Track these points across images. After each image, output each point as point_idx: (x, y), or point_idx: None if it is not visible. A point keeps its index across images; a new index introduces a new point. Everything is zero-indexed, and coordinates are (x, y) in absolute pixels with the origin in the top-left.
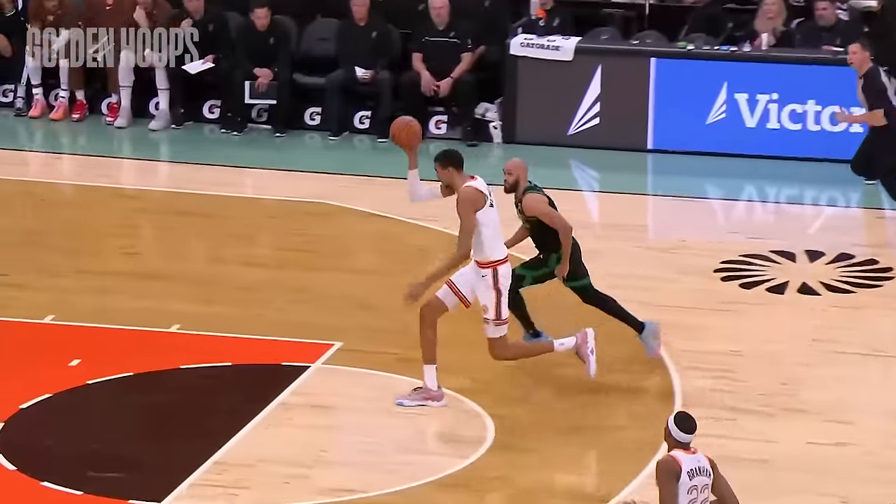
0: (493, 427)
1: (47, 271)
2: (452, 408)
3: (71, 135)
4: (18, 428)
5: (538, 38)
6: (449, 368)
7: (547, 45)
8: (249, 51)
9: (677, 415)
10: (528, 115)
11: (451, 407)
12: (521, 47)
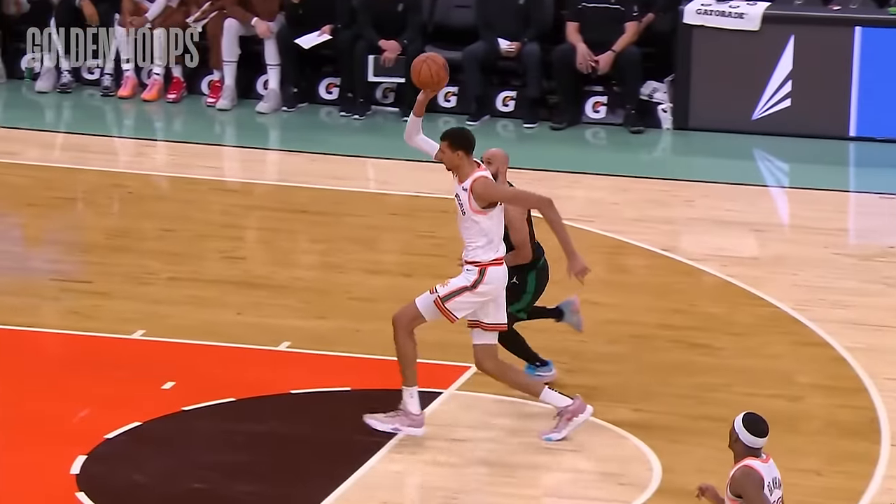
0: (660, 467)
1: (137, 278)
2: (611, 444)
3: (166, 118)
4: (103, 461)
5: (718, 2)
6: (608, 397)
7: (729, 11)
8: (374, 20)
9: (747, 416)
10: (703, 97)
11: (609, 443)
12: (696, 15)
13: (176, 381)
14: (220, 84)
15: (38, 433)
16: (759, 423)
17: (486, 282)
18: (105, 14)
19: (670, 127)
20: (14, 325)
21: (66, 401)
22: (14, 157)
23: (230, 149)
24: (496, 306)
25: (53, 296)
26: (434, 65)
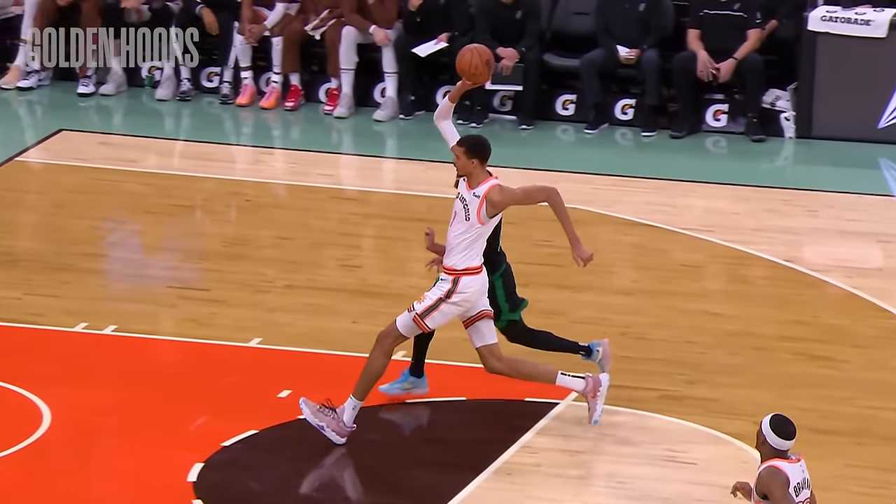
0: None
1: (253, 286)
2: (730, 457)
3: (283, 126)
4: (220, 469)
5: (843, 9)
6: (728, 410)
7: (854, 18)
8: (492, 27)
9: (773, 418)
10: (828, 104)
11: (728, 455)
12: (821, 22)
13: (292, 389)
14: (337, 92)
15: (155, 440)
16: (787, 426)
17: (459, 290)
18: (224, 22)
19: (793, 136)
20: (132, 333)
21: (183, 408)
22: (133, 165)
23: (347, 157)
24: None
25: (171, 303)
26: (477, 57)
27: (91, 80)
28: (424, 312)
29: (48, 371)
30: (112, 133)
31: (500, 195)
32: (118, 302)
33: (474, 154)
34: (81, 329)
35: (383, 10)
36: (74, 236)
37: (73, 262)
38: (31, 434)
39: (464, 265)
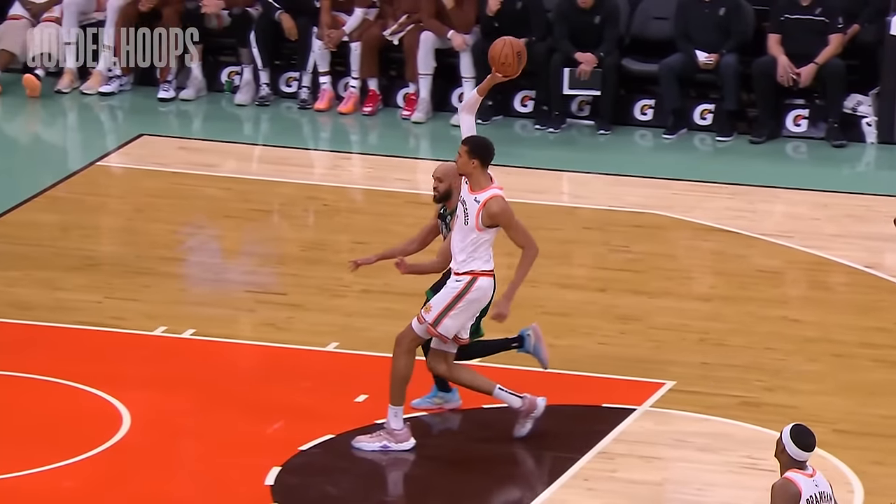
0: (862, 489)
1: (331, 290)
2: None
3: (362, 130)
4: (297, 473)
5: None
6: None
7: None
8: (570, 32)
9: (794, 427)
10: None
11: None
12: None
13: (369, 394)
14: (415, 97)
15: (233, 444)
16: (807, 437)
17: (475, 288)
18: (303, 27)
19: (875, 141)
20: (210, 337)
21: (261, 412)
22: (213, 170)
23: (425, 161)
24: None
25: (249, 307)
26: (509, 47)
27: (171, 84)
28: (436, 321)
29: (128, 374)
30: (192, 138)
31: (498, 208)
32: (197, 306)
33: (475, 154)
34: (160, 333)
35: (461, 14)
36: (154, 240)
37: (153, 266)
38: (111, 436)
39: (480, 268)
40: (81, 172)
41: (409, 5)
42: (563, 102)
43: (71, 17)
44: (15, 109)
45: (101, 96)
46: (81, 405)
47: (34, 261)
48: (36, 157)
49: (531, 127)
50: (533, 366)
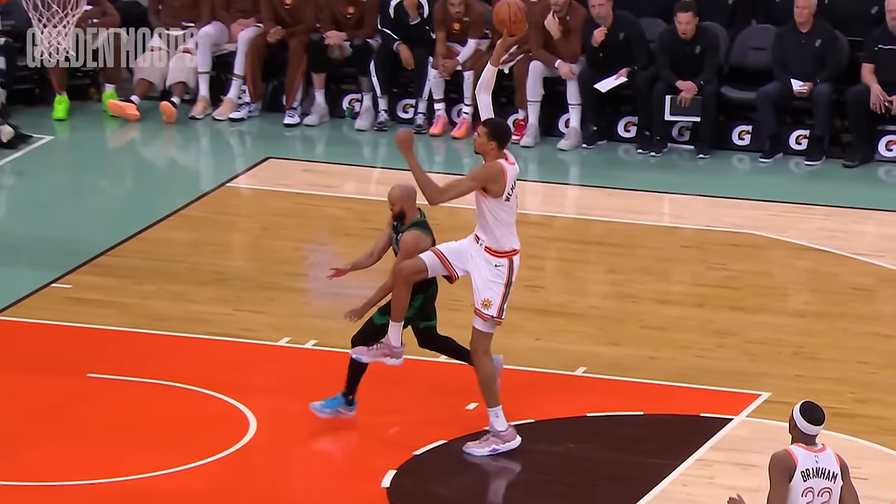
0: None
1: (445, 305)
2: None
3: (473, 154)
4: (411, 476)
5: None
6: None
7: None
8: (672, 61)
9: (804, 403)
10: None
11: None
12: None
13: (478, 402)
14: (524, 122)
15: (351, 448)
16: (816, 412)
17: (514, 269)
18: (420, 57)
19: None
20: (331, 347)
21: (378, 418)
22: (334, 191)
23: (532, 183)
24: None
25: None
26: (515, 7)
27: (296, 111)
28: (500, 312)
29: (255, 382)
30: (315, 161)
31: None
32: (318, 318)
33: (494, 137)
34: (285, 343)
35: (568, 45)
36: (279, 257)
37: (278, 281)
38: (238, 440)
39: (510, 245)
40: (212, 193)
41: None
42: (664, 128)
43: (205, 48)
44: (152, 134)
45: (232, 122)
46: (211, 410)
47: (168, 275)
48: (171, 179)
49: (634, 151)
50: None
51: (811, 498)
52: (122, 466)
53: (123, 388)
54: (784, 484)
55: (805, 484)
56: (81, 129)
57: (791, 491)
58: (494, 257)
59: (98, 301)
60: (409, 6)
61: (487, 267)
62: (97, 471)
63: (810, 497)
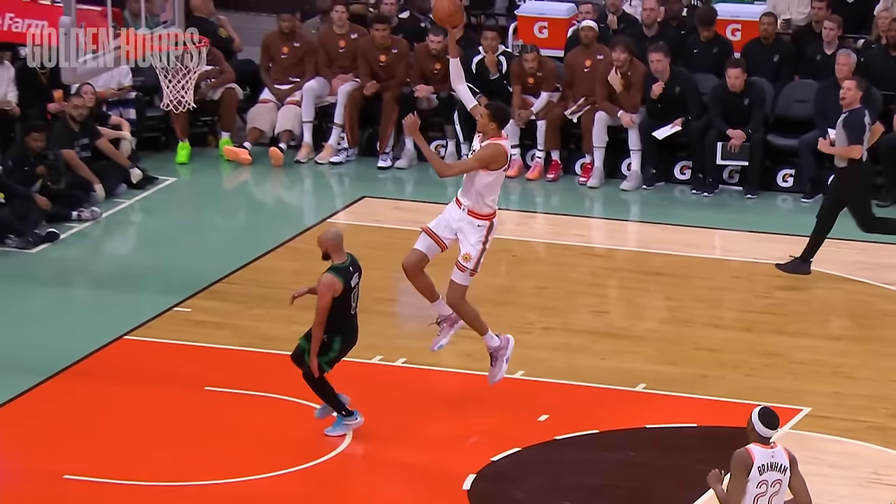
0: None
1: (518, 327)
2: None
3: (545, 194)
4: (489, 479)
5: None
6: None
7: None
8: (723, 111)
9: (762, 410)
10: None
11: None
12: None
13: (549, 414)
14: (590, 166)
15: (436, 455)
16: (772, 418)
17: (494, 228)
18: None
19: None
20: (419, 365)
21: (459, 428)
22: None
23: (597, 220)
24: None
25: (450, 341)
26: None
27: (388, 156)
28: (476, 266)
29: (350, 395)
30: (404, 199)
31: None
32: (407, 339)
33: (495, 119)
34: (377, 361)
35: (629, 97)
36: (373, 285)
37: (371, 306)
38: (335, 447)
39: (491, 210)
40: (314, 227)
41: (587, 90)
42: (716, 171)
43: (309, 100)
44: (262, 176)
45: (332, 165)
46: (312, 420)
47: (276, 301)
48: (278, 215)
49: (689, 192)
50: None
51: (765, 489)
52: (233, 469)
53: (236, 400)
54: (743, 477)
55: (760, 477)
56: (201, 172)
57: (749, 482)
58: (477, 219)
59: (214, 323)
60: (489, 63)
61: (470, 227)
62: (211, 472)
63: (764, 488)
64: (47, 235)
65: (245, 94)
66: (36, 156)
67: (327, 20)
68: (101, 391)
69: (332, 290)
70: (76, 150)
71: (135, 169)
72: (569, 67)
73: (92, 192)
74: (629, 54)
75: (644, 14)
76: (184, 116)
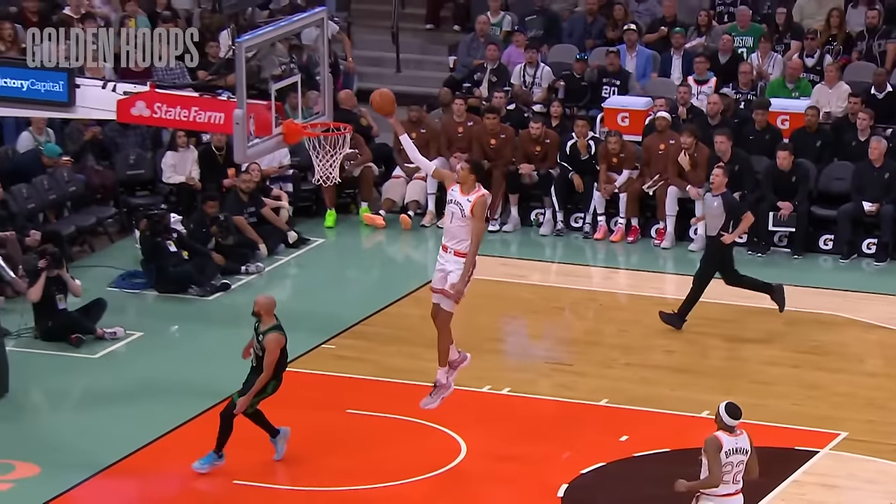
0: None
1: (603, 363)
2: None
3: (626, 254)
4: (580, 489)
5: None
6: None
7: None
8: (774, 186)
9: (727, 403)
10: None
11: None
12: None
13: (629, 434)
14: (663, 230)
15: (535, 467)
16: (736, 410)
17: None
18: (587, 183)
19: None
20: (521, 393)
21: (555, 446)
22: (523, 279)
23: (669, 275)
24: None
25: (547, 374)
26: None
27: (497, 221)
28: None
29: (465, 418)
30: (509, 257)
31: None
32: (512, 372)
33: (475, 173)
34: (487, 390)
35: (696, 175)
36: (484, 326)
37: (482, 345)
38: (452, 461)
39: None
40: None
41: (661, 168)
42: (768, 236)
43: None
44: (394, 238)
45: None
46: (433, 439)
47: (405, 340)
48: (406, 270)
49: (745, 252)
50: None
51: (731, 469)
52: (368, 477)
53: (372, 421)
54: (717, 456)
55: (727, 459)
56: (344, 234)
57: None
58: (461, 257)
59: (354, 357)
60: (580, 147)
61: (456, 264)
62: (352, 480)
63: (730, 468)
64: (221, 286)
65: (380, 171)
66: (210, 219)
67: (448, 111)
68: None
69: (279, 345)
70: (245, 216)
71: (291, 232)
72: (646, 150)
73: (257, 251)
74: (695, 138)
75: (709, 107)
76: (332, 189)
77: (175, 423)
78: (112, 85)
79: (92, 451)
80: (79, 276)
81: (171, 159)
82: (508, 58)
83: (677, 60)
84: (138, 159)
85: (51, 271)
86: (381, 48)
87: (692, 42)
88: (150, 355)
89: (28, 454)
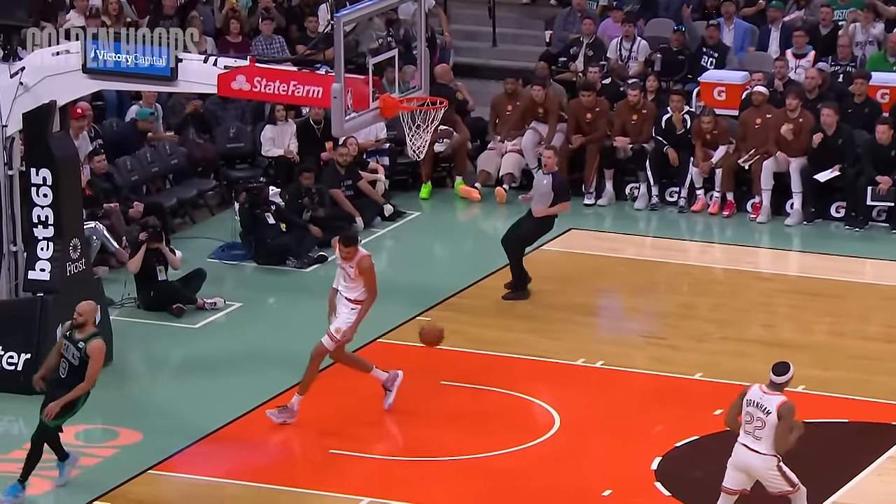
0: None
1: (697, 337)
2: None
3: (721, 228)
4: (674, 461)
5: None
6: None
7: None
8: (873, 160)
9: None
10: None
11: None
12: None
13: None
14: (759, 205)
15: (629, 440)
16: (779, 366)
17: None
18: (683, 157)
19: None
20: (615, 366)
21: (649, 419)
22: (618, 253)
23: (765, 250)
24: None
25: (641, 346)
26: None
27: (592, 195)
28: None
29: (558, 391)
30: (604, 231)
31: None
32: (605, 345)
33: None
34: (580, 363)
35: (797, 144)
36: (577, 301)
37: (576, 318)
38: (546, 432)
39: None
40: (530, 255)
41: (757, 142)
42: (866, 210)
43: (529, 149)
44: (489, 211)
45: None
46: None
47: (498, 312)
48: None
49: (843, 227)
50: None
51: (750, 419)
52: (461, 448)
53: (466, 392)
54: (739, 400)
55: (746, 409)
56: (439, 207)
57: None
58: (353, 304)
59: (449, 329)
60: (675, 121)
61: (346, 310)
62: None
63: (749, 418)
64: (318, 258)
65: (475, 144)
66: (304, 190)
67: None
68: (357, 384)
69: (103, 352)
70: (342, 189)
71: (387, 205)
72: (742, 124)
73: (353, 224)
74: (800, 101)
75: (806, 81)
76: (428, 162)
77: (272, 393)
78: (213, 59)
79: (193, 419)
80: (179, 248)
81: (270, 133)
82: (605, 32)
83: (775, 34)
84: (238, 133)
85: (151, 244)
86: (477, 22)
87: (791, 15)
88: (249, 325)
89: (131, 421)
